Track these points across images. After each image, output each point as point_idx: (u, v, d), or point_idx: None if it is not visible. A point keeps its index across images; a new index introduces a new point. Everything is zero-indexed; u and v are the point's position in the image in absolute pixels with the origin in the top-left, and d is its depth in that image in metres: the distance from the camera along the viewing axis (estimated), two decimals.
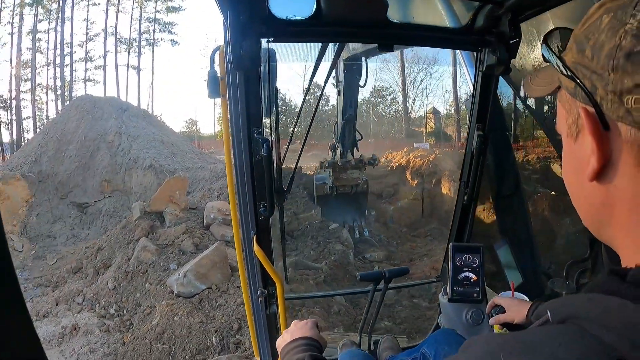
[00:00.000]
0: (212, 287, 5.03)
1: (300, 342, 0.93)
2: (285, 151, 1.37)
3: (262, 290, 1.38)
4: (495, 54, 1.36)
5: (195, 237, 6.05)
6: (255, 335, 1.54)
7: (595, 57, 0.38)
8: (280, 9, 1.24)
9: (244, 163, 1.25)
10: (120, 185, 10.87)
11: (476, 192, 1.50)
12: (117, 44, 27.80)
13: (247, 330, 4.29)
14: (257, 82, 1.21)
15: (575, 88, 0.41)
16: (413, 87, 23.94)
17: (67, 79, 26.64)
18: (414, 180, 9.70)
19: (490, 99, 1.44)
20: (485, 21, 1.35)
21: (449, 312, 1.52)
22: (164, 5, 28.18)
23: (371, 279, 1.52)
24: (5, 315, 0.40)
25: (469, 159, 1.49)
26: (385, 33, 1.33)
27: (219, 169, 10.27)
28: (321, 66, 1.55)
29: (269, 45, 1.23)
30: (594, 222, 0.45)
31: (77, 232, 9.63)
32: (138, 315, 5.01)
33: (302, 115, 5.76)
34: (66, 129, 12.15)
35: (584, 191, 0.44)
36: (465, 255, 1.42)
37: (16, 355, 0.41)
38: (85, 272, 6.23)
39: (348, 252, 6.51)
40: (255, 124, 1.22)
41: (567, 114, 0.45)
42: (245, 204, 1.28)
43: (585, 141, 0.41)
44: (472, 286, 1.43)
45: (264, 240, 1.30)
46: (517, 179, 1.59)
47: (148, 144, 11.92)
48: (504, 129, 1.63)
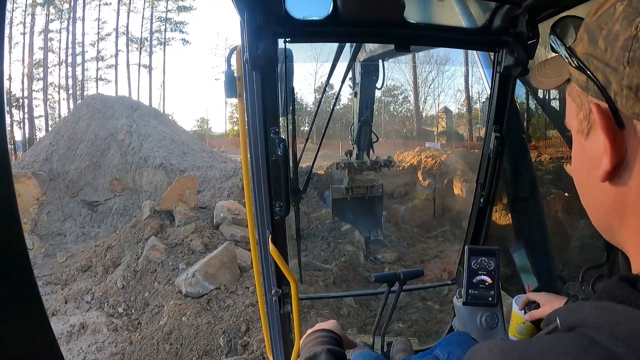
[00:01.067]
0: (221, 288, 5.02)
1: (319, 333, 0.91)
2: (302, 151, 1.37)
3: (277, 290, 1.39)
4: (513, 54, 1.34)
5: (204, 237, 6.06)
6: (269, 334, 1.54)
7: (608, 49, 0.36)
8: (297, 9, 1.24)
9: (260, 163, 1.25)
10: (131, 184, 10.95)
11: (493, 195, 1.48)
12: (129, 43, 28.27)
13: (255, 332, 4.29)
14: (273, 82, 1.22)
15: (586, 82, 0.39)
16: (425, 86, 23.92)
17: (78, 78, 27.03)
18: (425, 180, 9.64)
19: (507, 100, 1.43)
20: (502, 21, 1.34)
21: (463, 315, 1.51)
22: (175, 4, 28.59)
23: (386, 281, 1.52)
24: (23, 317, 0.40)
25: (485, 161, 1.48)
26: (402, 33, 1.32)
27: (229, 168, 10.27)
28: (338, 67, 1.55)
29: (286, 46, 1.24)
30: (604, 225, 0.43)
31: (87, 231, 9.73)
32: (146, 314, 5.04)
33: (316, 115, 5.76)
34: (77, 127, 12.29)
35: (595, 192, 0.42)
36: (481, 259, 1.41)
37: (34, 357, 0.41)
38: (94, 270, 6.28)
39: (359, 254, 6.48)
40: (272, 123, 1.22)
41: (578, 109, 0.42)
42: (261, 204, 1.29)
43: (597, 139, 0.39)
44: (487, 289, 1.42)
45: (279, 240, 1.31)
46: (534, 181, 1.57)
47: (159, 143, 12.00)
48: (521, 130, 1.61)
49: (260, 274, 1.43)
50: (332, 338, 0.89)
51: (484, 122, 15.92)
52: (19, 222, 0.38)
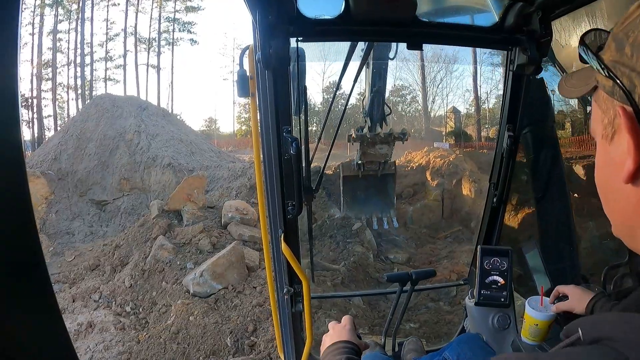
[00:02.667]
0: (228, 287, 5.03)
1: (338, 345, 0.95)
2: (314, 150, 1.36)
3: (289, 289, 1.39)
4: (526, 53, 1.33)
5: (212, 236, 6.08)
6: (280, 333, 1.55)
7: (635, 55, 0.38)
8: (309, 9, 1.25)
9: (272, 162, 1.25)
10: (139, 183, 11.02)
11: (506, 194, 1.47)
12: (137, 44, 28.35)
13: (262, 332, 4.29)
14: (286, 81, 1.22)
15: (613, 87, 0.41)
16: (433, 86, 23.83)
17: (87, 78, 27.18)
18: (434, 180, 9.59)
19: (521, 99, 1.42)
20: (515, 19, 1.32)
21: (475, 315, 1.50)
22: (183, 4, 28.63)
23: (397, 280, 1.51)
24: (38, 316, 0.40)
25: (498, 160, 1.47)
26: (414, 32, 1.31)
27: (237, 168, 10.30)
28: (349, 66, 1.54)
29: (298, 45, 1.24)
30: (624, 229, 0.44)
31: (95, 230, 9.79)
32: (154, 314, 5.06)
33: (328, 114, 5.64)
34: (86, 127, 12.38)
35: (617, 195, 0.43)
36: (494, 259, 1.40)
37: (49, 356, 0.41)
38: (102, 269, 6.33)
39: (368, 254, 6.44)
40: (284, 122, 1.23)
41: (603, 115, 0.44)
42: (274, 203, 1.29)
43: (621, 141, 0.40)
44: (500, 290, 1.41)
45: (291, 239, 1.31)
46: (548, 181, 1.55)
47: (167, 143, 12.05)
48: (534, 129, 1.59)
49: (272, 273, 1.44)
50: (351, 349, 0.93)
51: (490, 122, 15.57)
52: (33, 221, 0.39)
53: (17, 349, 0.37)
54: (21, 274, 0.38)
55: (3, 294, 0.36)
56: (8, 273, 0.36)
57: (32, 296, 0.39)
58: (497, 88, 21.01)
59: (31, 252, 0.38)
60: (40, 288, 0.40)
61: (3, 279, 0.36)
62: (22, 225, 0.37)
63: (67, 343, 0.43)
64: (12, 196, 0.36)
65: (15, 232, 0.37)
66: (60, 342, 0.43)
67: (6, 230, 0.36)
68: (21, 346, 0.38)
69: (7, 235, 0.36)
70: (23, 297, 0.38)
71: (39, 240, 0.40)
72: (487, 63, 15.31)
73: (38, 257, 0.39)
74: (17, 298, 0.37)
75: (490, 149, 18.81)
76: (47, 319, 0.41)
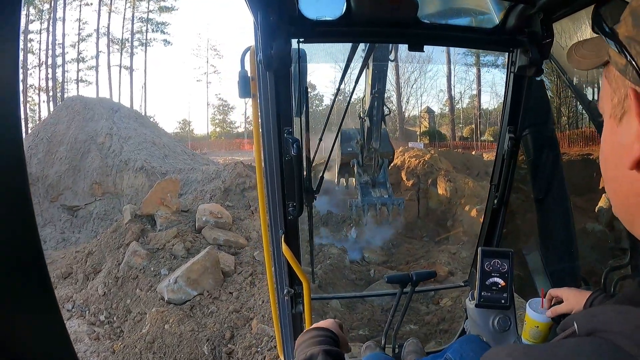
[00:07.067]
0: (204, 294, 4.89)
1: (314, 332, 0.84)
2: (315, 151, 1.37)
3: (289, 289, 1.39)
4: (527, 54, 1.33)
5: (186, 241, 5.92)
6: (280, 334, 1.55)
7: None
8: (310, 10, 1.25)
9: (273, 163, 1.25)
10: (111, 187, 10.73)
11: (507, 196, 1.47)
12: (110, 45, 27.66)
13: (239, 339, 4.18)
14: (287, 82, 1.22)
15: (626, 65, 0.38)
16: (407, 86, 23.96)
17: (59, 79, 26.45)
18: (409, 180, 9.62)
19: (522, 100, 1.41)
20: (516, 21, 1.33)
21: (475, 317, 1.49)
22: (157, 4, 28.03)
23: (398, 282, 1.51)
24: (39, 316, 0.40)
25: (499, 162, 1.47)
26: (415, 33, 1.32)
27: (211, 171, 10.01)
28: (351, 67, 1.55)
29: (299, 46, 1.24)
30: (626, 215, 0.42)
31: (67, 236, 9.51)
32: (128, 322, 4.91)
33: (329, 116, 5.72)
34: (56, 130, 12.04)
35: (621, 179, 0.41)
36: (494, 260, 1.39)
37: (49, 355, 0.42)
38: (75, 277, 6.13)
39: (344, 256, 6.46)
40: (286, 123, 1.23)
41: (613, 93, 0.41)
42: (275, 204, 1.29)
43: (630, 125, 0.38)
44: (500, 292, 1.40)
45: (292, 240, 1.31)
46: (549, 182, 1.55)
47: (139, 146, 11.77)
48: (536, 130, 1.59)
49: (273, 274, 1.44)
50: (329, 337, 0.83)
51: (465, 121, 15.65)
52: (34, 220, 0.39)
53: (17, 349, 0.37)
54: (21, 273, 0.38)
55: (3, 293, 0.36)
56: (8, 273, 0.36)
57: (32, 296, 0.39)
58: (471, 88, 21.13)
59: (32, 251, 0.38)
60: (41, 288, 0.40)
61: (3, 279, 0.36)
62: (22, 225, 0.37)
63: (67, 343, 0.43)
64: (13, 196, 0.36)
65: (16, 232, 0.37)
66: (60, 342, 0.43)
67: (7, 229, 0.36)
68: (21, 346, 0.38)
69: (7, 235, 0.36)
70: (23, 296, 0.38)
71: (40, 240, 0.41)
72: (461, 63, 15.37)
73: (38, 257, 0.39)
74: (17, 298, 0.37)
75: (465, 148, 18.83)
76: (47, 318, 0.41)
